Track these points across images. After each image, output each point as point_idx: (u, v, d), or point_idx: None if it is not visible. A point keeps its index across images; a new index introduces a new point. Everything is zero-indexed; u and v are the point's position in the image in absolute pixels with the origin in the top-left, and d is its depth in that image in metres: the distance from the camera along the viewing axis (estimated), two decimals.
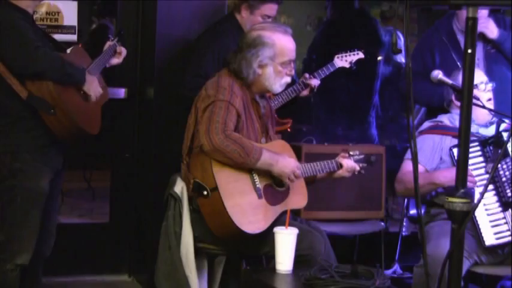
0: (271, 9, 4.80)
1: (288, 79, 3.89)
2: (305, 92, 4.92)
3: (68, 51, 4.07)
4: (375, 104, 6.65)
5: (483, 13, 4.67)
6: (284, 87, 3.96)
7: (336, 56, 5.05)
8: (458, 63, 4.72)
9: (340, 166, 4.05)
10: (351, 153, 4.13)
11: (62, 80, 3.86)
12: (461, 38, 4.84)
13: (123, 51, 4.33)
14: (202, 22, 5.08)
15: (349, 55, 5.07)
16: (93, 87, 4.03)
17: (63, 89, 3.88)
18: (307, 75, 4.94)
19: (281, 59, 3.82)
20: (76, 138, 4.04)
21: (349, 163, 4.07)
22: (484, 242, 4.03)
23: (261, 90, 3.89)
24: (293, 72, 3.90)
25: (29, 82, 3.84)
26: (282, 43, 3.83)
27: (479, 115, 4.23)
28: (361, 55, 5.10)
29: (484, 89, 4.32)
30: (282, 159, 3.75)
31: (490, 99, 4.34)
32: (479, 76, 4.32)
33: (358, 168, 4.11)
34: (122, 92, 5.29)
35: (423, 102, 5.11)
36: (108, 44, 4.27)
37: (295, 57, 3.92)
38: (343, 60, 5.04)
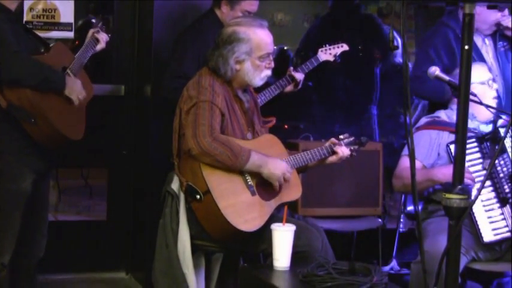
0: (251, 4, 4.72)
1: (268, 72, 3.85)
2: (289, 88, 4.86)
3: (50, 46, 4.05)
4: (375, 100, 6.65)
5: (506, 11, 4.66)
6: (265, 80, 3.92)
7: (320, 50, 5.01)
8: (476, 58, 4.70)
9: (332, 152, 4.00)
10: (341, 137, 4.08)
11: (41, 87, 3.82)
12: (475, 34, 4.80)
13: (103, 38, 4.27)
14: None
15: (333, 48, 5.02)
16: (75, 90, 3.98)
17: (44, 95, 3.84)
18: (291, 69, 4.90)
19: (258, 53, 3.79)
20: (58, 145, 4.02)
21: (339, 148, 4.00)
22: (482, 238, 4.03)
23: (242, 85, 3.86)
24: (272, 64, 3.85)
25: (8, 90, 3.80)
26: (258, 37, 3.79)
27: (481, 112, 4.22)
28: (345, 47, 5.06)
29: (491, 86, 4.32)
30: (272, 161, 3.73)
31: (495, 97, 4.33)
32: (486, 73, 4.32)
33: (349, 151, 4.04)
34: (119, 90, 5.29)
35: (438, 99, 5.00)
36: (91, 31, 4.25)
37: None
38: (327, 54, 4.99)
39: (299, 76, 4.84)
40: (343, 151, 4.01)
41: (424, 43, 5.07)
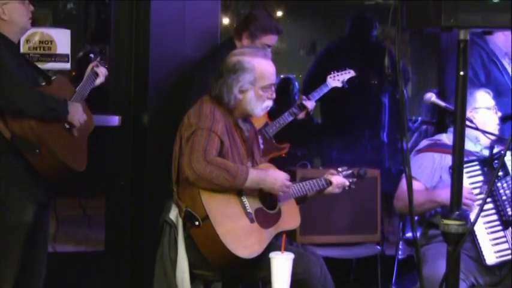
0: (271, 39, 4.82)
1: (270, 103, 3.89)
2: (301, 115, 4.94)
3: (52, 79, 4.07)
4: (385, 128, 6.68)
5: None
6: (266, 111, 3.96)
7: (329, 76, 5.11)
8: (509, 83, 4.72)
9: (330, 183, 4.06)
10: (340, 169, 4.16)
11: (45, 116, 3.83)
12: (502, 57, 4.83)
13: (102, 72, 4.31)
14: (196, 48, 5.09)
15: (341, 74, 5.13)
16: (77, 115, 4.00)
17: (47, 126, 3.85)
18: (304, 97, 4.97)
19: (261, 83, 3.82)
20: (61, 175, 4.02)
21: (338, 179, 4.09)
22: (484, 260, 4.03)
23: (243, 114, 3.89)
24: (274, 95, 3.89)
25: (11, 120, 3.81)
26: (262, 67, 3.83)
27: (485, 136, 4.24)
28: (352, 73, 5.16)
29: (496, 112, 4.34)
30: (271, 174, 3.75)
31: (498, 124, 4.36)
32: (491, 100, 4.34)
33: (347, 183, 4.12)
34: (115, 120, 5.28)
35: None
36: (91, 66, 4.28)
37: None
38: (336, 80, 5.10)
39: (310, 105, 4.92)
40: (337, 180, 4.07)
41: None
